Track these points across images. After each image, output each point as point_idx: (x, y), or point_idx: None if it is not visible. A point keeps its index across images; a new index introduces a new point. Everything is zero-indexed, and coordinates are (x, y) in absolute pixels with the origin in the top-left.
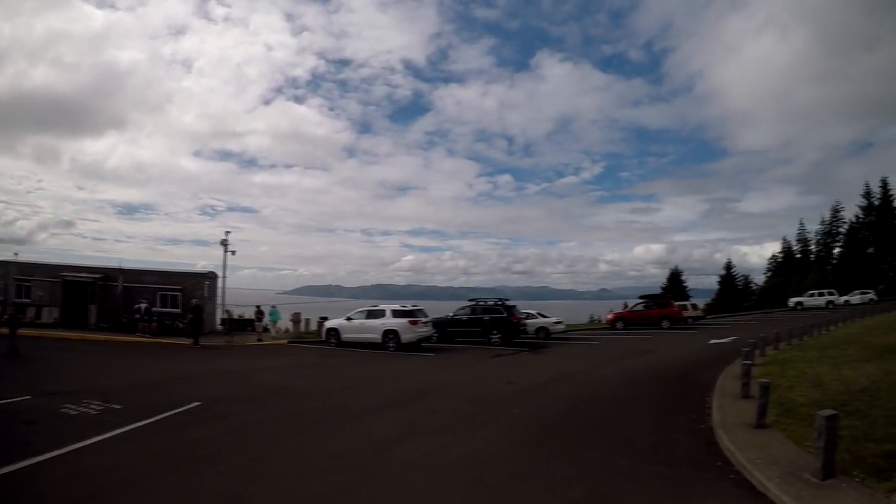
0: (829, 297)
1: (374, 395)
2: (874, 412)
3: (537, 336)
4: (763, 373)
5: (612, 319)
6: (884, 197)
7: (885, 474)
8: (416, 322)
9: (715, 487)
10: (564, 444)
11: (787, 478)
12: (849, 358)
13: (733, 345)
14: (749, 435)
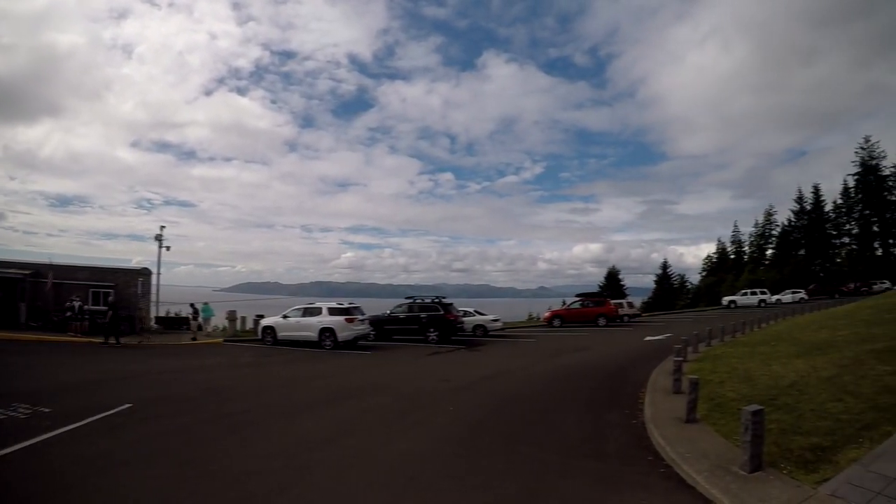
0: (761, 296)
1: (308, 394)
2: (802, 406)
3: (475, 334)
4: (695, 369)
5: (549, 317)
6: (815, 202)
7: (811, 466)
8: (353, 320)
9: (645, 481)
10: (498, 440)
11: (716, 471)
12: (778, 354)
13: (667, 342)
14: (679, 430)
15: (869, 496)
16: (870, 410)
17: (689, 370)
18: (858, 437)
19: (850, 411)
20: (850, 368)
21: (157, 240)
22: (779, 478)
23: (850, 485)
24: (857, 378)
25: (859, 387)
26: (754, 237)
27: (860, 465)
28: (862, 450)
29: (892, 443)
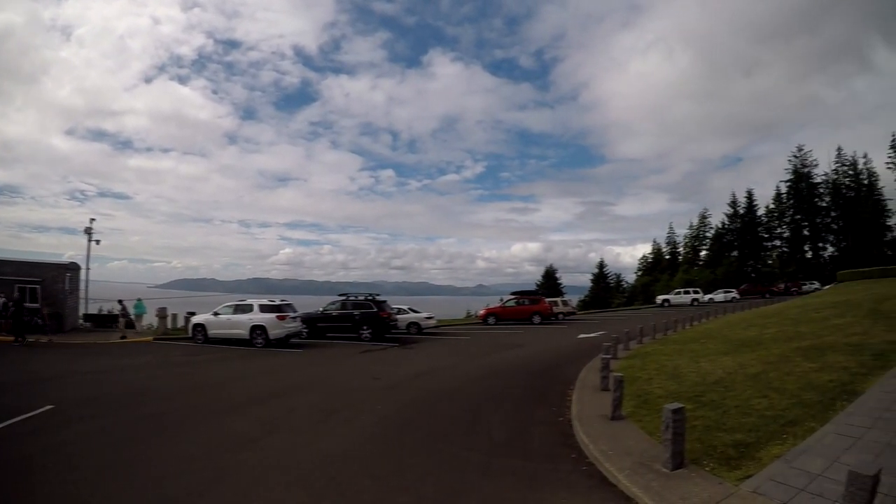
0: (694, 295)
1: (236, 393)
2: (727, 403)
3: (409, 331)
4: (625, 366)
5: (484, 315)
6: (749, 206)
7: (734, 463)
8: (285, 317)
9: (567, 480)
10: (423, 439)
11: (638, 468)
12: (707, 351)
13: (600, 339)
14: (604, 427)
15: (791, 493)
16: (794, 407)
17: (619, 367)
18: (782, 434)
19: (775, 408)
20: (777, 365)
21: (86, 233)
22: (701, 475)
23: (772, 481)
24: (782, 375)
25: (784, 383)
26: (689, 239)
27: (783, 461)
28: (785, 446)
29: (815, 439)
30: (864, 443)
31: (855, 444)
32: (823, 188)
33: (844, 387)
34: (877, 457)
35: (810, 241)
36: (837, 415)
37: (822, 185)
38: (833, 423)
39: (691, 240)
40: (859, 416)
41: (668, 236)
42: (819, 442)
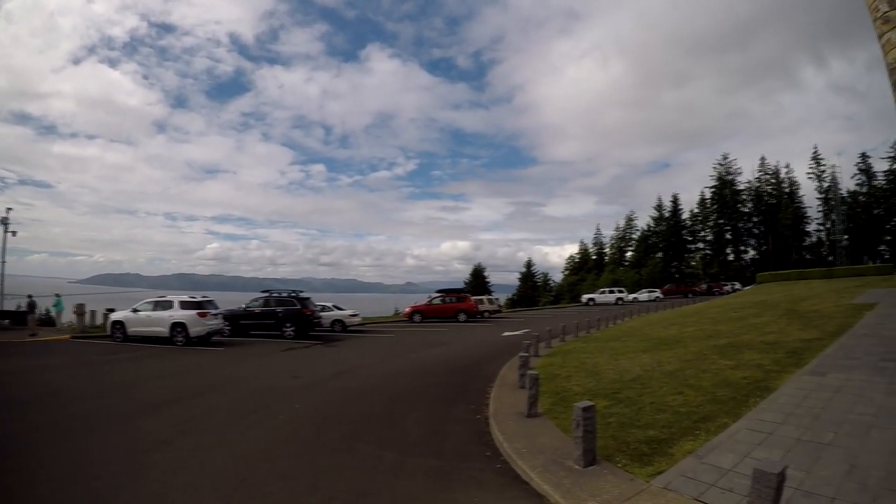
0: (618, 294)
1: (152, 393)
2: (643, 399)
3: (333, 329)
4: (546, 363)
5: (409, 313)
6: (674, 210)
7: (647, 459)
8: (206, 314)
9: (480, 478)
10: (338, 439)
11: (551, 466)
12: (627, 349)
13: (524, 337)
14: (520, 424)
15: (702, 488)
16: (708, 403)
17: (540, 365)
18: (695, 430)
19: (689, 404)
20: (693, 363)
21: (2, 223)
22: (613, 472)
23: (683, 477)
24: (698, 372)
25: (700, 380)
26: (615, 240)
27: (695, 457)
28: (698, 442)
29: (727, 435)
30: (775, 438)
31: (766, 440)
32: (746, 195)
33: (758, 384)
34: (787, 452)
35: (732, 244)
36: (750, 411)
37: (745, 192)
38: (745, 420)
39: (617, 241)
40: (771, 412)
41: (595, 237)
42: (731, 438)
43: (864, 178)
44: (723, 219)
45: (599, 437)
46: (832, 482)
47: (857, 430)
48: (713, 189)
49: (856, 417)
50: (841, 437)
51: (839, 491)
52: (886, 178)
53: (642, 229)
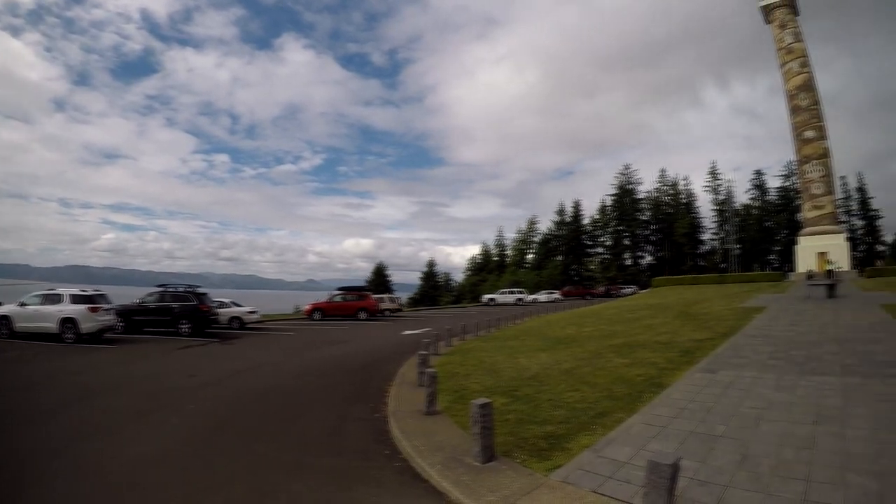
0: (519, 294)
1: (37, 396)
2: (541, 396)
3: (231, 326)
4: (445, 362)
5: (310, 310)
6: (575, 216)
7: (545, 454)
8: (98, 309)
9: (379, 476)
10: (236, 439)
11: (450, 463)
12: (526, 348)
13: (424, 336)
14: (419, 422)
15: (600, 481)
16: (604, 399)
17: (439, 363)
18: (592, 425)
19: (586, 400)
20: (590, 361)
21: None
22: (511, 467)
23: (581, 470)
24: (595, 370)
25: (596, 378)
26: (517, 242)
27: (592, 451)
28: (595, 436)
29: (623, 429)
30: (669, 431)
31: (661, 433)
32: (645, 204)
33: (652, 380)
34: (681, 444)
35: (630, 249)
36: (645, 406)
37: (644, 201)
38: (640, 414)
39: (519, 243)
40: (665, 407)
41: (497, 239)
42: (627, 432)
43: (758, 193)
44: (622, 225)
45: (498, 433)
46: (725, 471)
47: (748, 423)
48: (614, 197)
49: (746, 411)
50: (732, 430)
51: (732, 479)
52: (778, 194)
53: (544, 233)
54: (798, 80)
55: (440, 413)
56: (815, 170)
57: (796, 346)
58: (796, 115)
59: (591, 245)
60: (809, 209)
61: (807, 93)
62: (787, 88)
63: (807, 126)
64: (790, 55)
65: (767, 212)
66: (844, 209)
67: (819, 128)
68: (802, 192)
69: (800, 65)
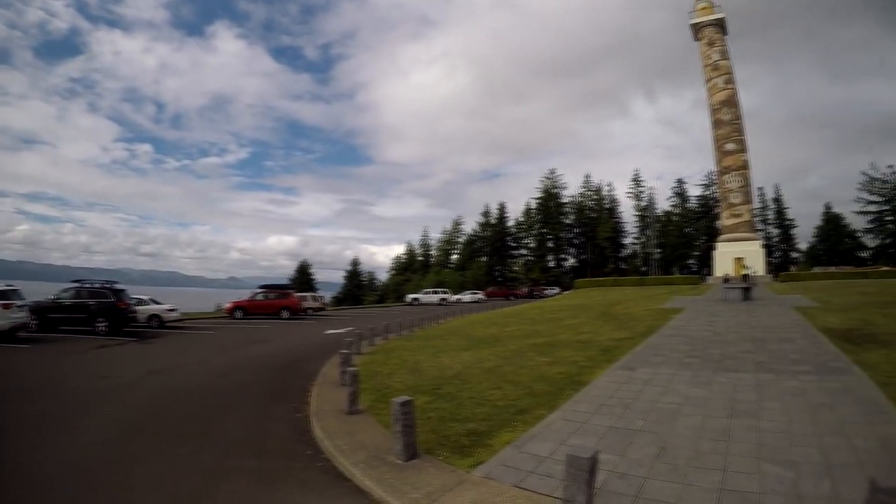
0: (442, 294)
1: None
2: (463, 394)
3: (150, 325)
4: (368, 361)
5: (231, 308)
6: (500, 217)
7: (467, 451)
8: (10, 306)
9: (301, 476)
10: (155, 443)
11: (372, 461)
12: (449, 347)
13: (347, 335)
14: (341, 422)
15: (521, 475)
16: (526, 397)
17: (362, 363)
18: (513, 422)
19: (508, 398)
20: (512, 360)
21: None
22: (434, 464)
23: (503, 466)
24: (517, 368)
25: (518, 376)
26: (442, 242)
27: (514, 447)
28: (516, 433)
29: (544, 425)
30: (589, 427)
31: (581, 429)
32: (569, 208)
33: (573, 378)
34: (601, 439)
35: (554, 252)
36: (566, 403)
37: (568, 205)
38: (561, 411)
39: (444, 244)
40: (585, 403)
41: (422, 239)
42: (548, 428)
43: (679, 200)
44: (546, 228)
45: (421, 431)
46: (644, 464)
47: (665, 418)
48: (539, 200)
49: (663, 406)
50: (650, 424)
51: (651, 471)
52: (698, 202)
53: (469, 234)
54: (722, 95)
55: (362, 412)
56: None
57: (712, 344)
58: (719, 128)
59: (516, 247)
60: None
61: (730, 108)
62: (711, 103)
63: (728, 139)
64: (716, 71)
65: (688, 218)
66: (761, 218)
67: (740, 141)
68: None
69: (724, 81)
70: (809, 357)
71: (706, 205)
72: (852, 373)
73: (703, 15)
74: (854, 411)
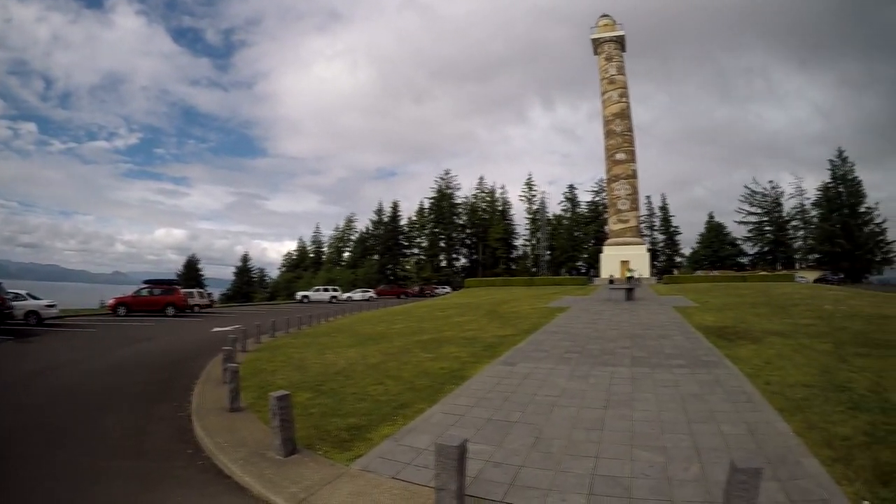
0: (333, 292)
1: None
2: (346, 390)
3: (27, 322)
4: (253, 358)
5: (114, 305)
6: (393, 216)
7: (347, 445)
8: None
9: (182, 476)
10: (33, 446)
11: (252, 458)
12: (335, 344)
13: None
14: (223, 419)
15: (399, 467)
16: (407, 391)
17: (247, 360)
18: (394, 416)
19: (389, 393)
20: (397, 356)
21: None
22: (314, 459)
23: (381, 459)
24: (400, 364)
25: (401, 372)
26: (335, 240)
27: (392, 440)
28: (396, 427)
29: (423, 419)
30: (467, 419)
31: (459, 421)
32: (462, 208)
33: (454, 373)
34: (479, 430)
35: (446, 251)
36: (446, 397)
37: (461, 206)
38: (441, 405)
39: (336, 241)
40: (465, 397)
41: (314, 236)
42: (427, 421)
43: (570, 205)
44: (438, 228)
45: (303, 427)
46: (520, 453)
47: (542, 409)
48: (432, 200)
49: (541, 399)
50: (527, 416)
51: (526, 460)
52: (588, 207)
53: (361, 231)
54: (616, 108)
55: (244, 409)
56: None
57: (593, 341)
58: (610, 139)
59: (408, 245)
60: (615, 222)
61: (622, 120)
62: (605, 114)
63: (619, 149)
64: (612, 85)
65: (578, 223)
66: (648, 224)
67: (630, 151)
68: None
69: (619, 95)
70: (684, 352)
71: (596, 210)
72: (724, 366)
73: (604, 31)
74: (723, 400)
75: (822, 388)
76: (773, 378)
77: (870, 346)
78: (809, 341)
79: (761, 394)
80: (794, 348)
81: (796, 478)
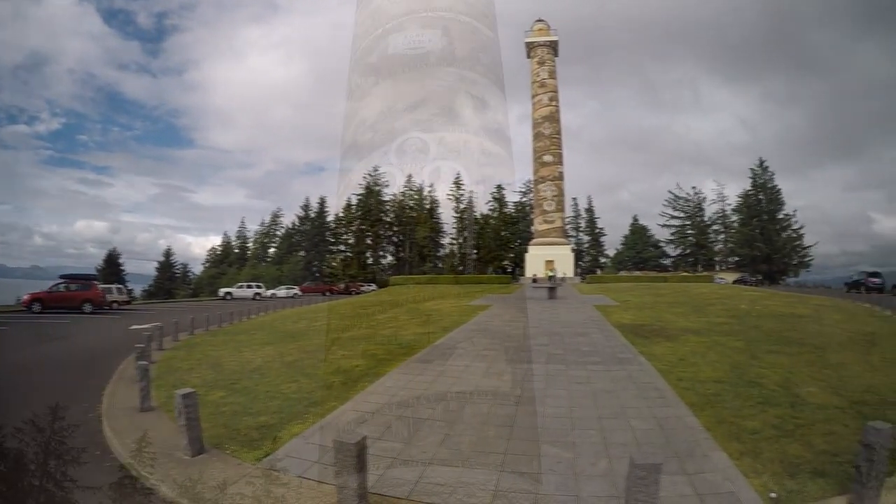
0: (256, 289)
1: None
2: (259, 389)
3: None
4: (170, 356)
5: (28, 301)
6: (320, 212)
7: (256, 444)
8: None
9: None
10: None
11: (160, 458)
12: (254, 342)
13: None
14: (133, 419)
15: (306, 465)
16: (320, 389)
17: (163, 358)
18: (305, 414)
19: (303, 391)
20: (314, 354)
21: None
22: (221, 458)
23: (289, 457)
24: (316, 362)
25: (317, 369)
26: (260, 235)
27: (302, 438)
28: (306, 425)
29: (334, 416)
30: (378, 416)
31: (370, 418)
32: (390, 206)
33: (369, 370)
34: (388, 428)
35: (373, 249)
36: (359, 394)
37: (389, 203)
38: (353, 402)
39: (262, 236)
40: (378, 394)
41: (239, 231)
42: (338, 419)
43: (497, 205)
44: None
45: (213, 425)
46: (428, 450)
47: (454, 406)
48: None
49: (454, 395)
50: (438, 413)
51: (434, 456)
52: (515, 208)
53: (288, 227)
54: (545, 111)
55: (155, 409)
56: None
57: (511, 339)
58: (539, 141)
59: (335, 242)
60: (541, 223)
61: (551, 123)
62: (535, 117)
63: (547, 151)
64: (542, 88)
65: (504, 222)
66: (574, 225)
67: (557, 154)
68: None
69: (549, 98)
70: (600, 349)
71: (522, 210)
72: (638, 363)
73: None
74: (636, 396)
75: (732, 384)
76: (686, 374)
77: (781, 344)
78: (723, 339)
79: (673, 390)
80: (708, 346)
81: (704, 471)
